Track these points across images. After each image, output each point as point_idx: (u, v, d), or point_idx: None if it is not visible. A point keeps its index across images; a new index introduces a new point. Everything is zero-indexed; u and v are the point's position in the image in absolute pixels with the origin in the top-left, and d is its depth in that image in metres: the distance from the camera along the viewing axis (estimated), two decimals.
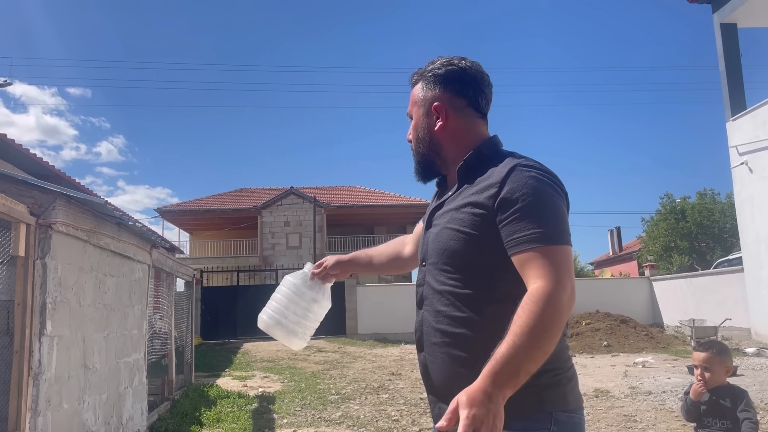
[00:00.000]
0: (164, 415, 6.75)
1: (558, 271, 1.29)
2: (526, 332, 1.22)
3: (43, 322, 3.65)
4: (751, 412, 2.81)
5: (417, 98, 1.65)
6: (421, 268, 1.59)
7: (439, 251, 1.50)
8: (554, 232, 1.34)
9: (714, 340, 3.39)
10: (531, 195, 1.37)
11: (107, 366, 4.86)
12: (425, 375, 1.54)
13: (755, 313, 13.20)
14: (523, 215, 1.35)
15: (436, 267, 1.51)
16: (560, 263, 1.31)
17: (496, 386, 1.18)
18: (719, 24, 14.40)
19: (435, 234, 1.54)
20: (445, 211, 1.54)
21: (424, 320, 1.53)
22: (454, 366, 1.43)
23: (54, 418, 3.75)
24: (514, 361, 1.21)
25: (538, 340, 1.23)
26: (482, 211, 1.42)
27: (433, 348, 1.49)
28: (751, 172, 13.41)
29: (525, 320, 1.24)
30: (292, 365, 11.89)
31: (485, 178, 1.46)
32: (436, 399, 1.52)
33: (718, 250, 25.62)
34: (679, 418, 5.72)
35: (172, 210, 31.59)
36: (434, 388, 1.51)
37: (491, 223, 1.40)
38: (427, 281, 1.54)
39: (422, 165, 1.65)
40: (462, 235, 1.44)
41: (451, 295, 1.46)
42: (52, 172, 11.24)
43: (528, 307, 1.25)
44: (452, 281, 1.46)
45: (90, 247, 4.46)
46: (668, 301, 17.45)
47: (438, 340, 1.47)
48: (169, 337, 7.89)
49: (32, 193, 3.67)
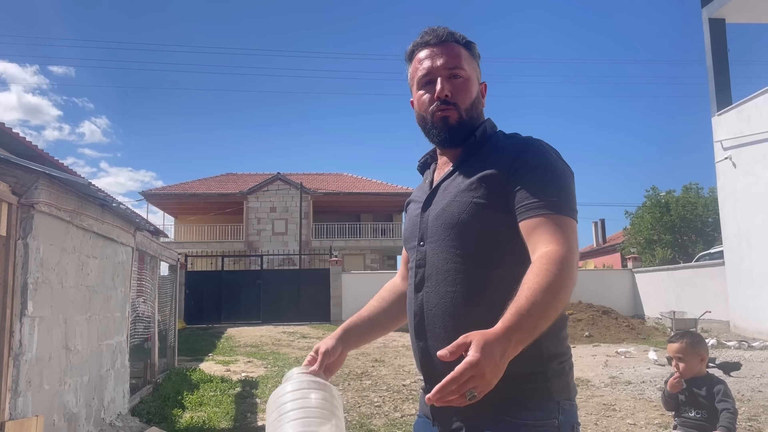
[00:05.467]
0: (146, 398, 6.74)
1: (570, 240, 1.25)
2: (545, 289, 1.16)
3: (24, 303, 3.62)
4: (729, 402, 2.85)
5: (468, 60, 1.51)
6: (419, 248, 1.47)
7: (447, 226, 1.40)
8: (568, 203, 1.32)
9: (688, 330, 3.43)
10: (548, 165, 1.35)
11: (89, 348, 4.83)
12: (426, 363, 1.41)
13: (734, 307, 13.41)
14: (539, 182, 1.32)
15: (442, 244, 1.40)
16: (572, 234, 1.27)
17: (512, 340, 1.10)
18: (708, 19, 14.47)
19: (440, 210, 1.43)
20: (450, 188, 1.45)
21: (426, 304, 1.41)
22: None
23: (34, 398, 3.73)
24: (533, 318, 1.13)
25: (556, 298, 1.17)
26: (497, 182, 1.36)
27: (437, 333, 1.37)
28: (734, 167, 13.56)
29: (542, 277, 1.17)
30: (275, 351, 11.90)
31: (496, 152, 1.42)
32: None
33: (700, 244, 25.91)
34: (657, 407, 5.81)
35: (157, 193, 31.35)
36: (436, 377, 1.34)
37: (505, 194, 1.34)
38: (430, 261, 1.42)
39: (463, 128, 1.48)
40: (476, 206, 1.36)
41: (460, 273, 1.36)
42: (35, 151, 11.08)
43: (544, 266, 1.19)
44: (462, 258, 1.37)
45: (73, 228, 4.42)
46: (650, 293, 17.66)
47: (444, 324, 1.37)
48: (152, 321, 7.86)
49: (14, 173, 3.62)
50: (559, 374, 1.34)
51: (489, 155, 1.42)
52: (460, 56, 1.49)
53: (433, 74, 1.48)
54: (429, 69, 1.49)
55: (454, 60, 1.48)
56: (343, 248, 29.78)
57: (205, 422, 5.64)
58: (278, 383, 6.21)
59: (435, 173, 1.59)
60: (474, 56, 1.54)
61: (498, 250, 1.35)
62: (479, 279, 1.35)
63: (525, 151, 1.37)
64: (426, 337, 1.40)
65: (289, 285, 19.67)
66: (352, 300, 18.84)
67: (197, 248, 29.00)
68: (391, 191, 32.41)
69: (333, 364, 1.56)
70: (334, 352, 1.57)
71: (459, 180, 1.43)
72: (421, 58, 1.51)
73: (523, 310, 1.13)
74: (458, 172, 1.46)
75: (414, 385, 7.41)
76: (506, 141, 1.45)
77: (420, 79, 1.51)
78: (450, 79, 1.47)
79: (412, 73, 1.55)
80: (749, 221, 13.04)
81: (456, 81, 1.48)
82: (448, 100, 1.46)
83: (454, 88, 1.47)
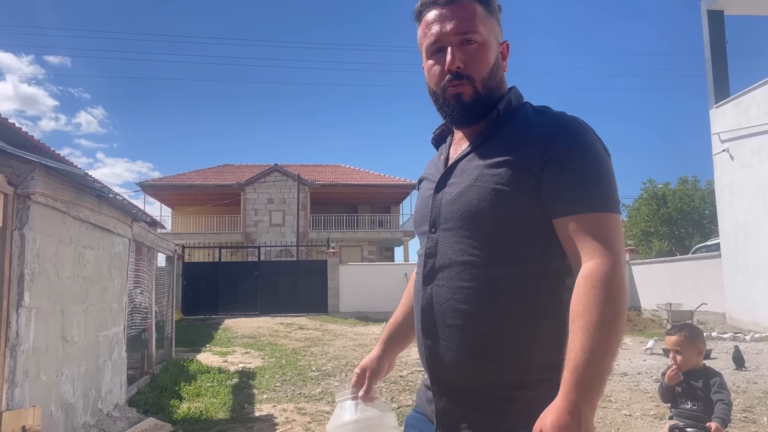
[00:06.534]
0: (144, 388, 6.75)
1: (616, 244, 1.12)
2: (602, 324, 1.04)
3: (21, 294, 3.61)
4: (725, 394, 2.86)
5: (484, 20, 1.29)
6: (430, 235, 1.30)
7: (464, 214, 1.22)
8: (610, 197, 1.16)
9: (686, 323, 3.45)
10: (586, 153, 1.18)
11: (86, 339, 4.83)
12: (433, 363, 1.27)
13: (730, 299, 13.44)
14: (577, 174, 1.15)
15: (457, 233, 1.24)
16: (617, 234, 1.14)
17: (584, 400, 0.99)
18: (706, 11, 14.43)
19: (456, 194, 1.25)
20: (468, 169, 1.27)
21: (436, 298, 1.26)
22: (477, 355, 1.19)
23: (31, 389, 3.73)
24: (597, 362, 1.02)
25: (616, 329, 1.05)
26: (525, 167, 1.18)
27: (448, 331, 1.23)
28: (732, 160, 13.56)
29: (596, 309, 1.05)
30: (272, 342, 11.92)
31: (524, 130, 1.24)
32: (443, 392, 1.26)
33: (696, 236, 25.99)
34: (653, 398, 5.83)
35: (154, 184, 31.26)
36: (443, 379, 1.26)
37: (535, 182, 1.18)
38: (442, 251, 1.26)
39: (480, 104, 1.28)
40: (498, 194, 1.19)
41: (476, 268, 1.20)
42: (31, 142, 11.04)
43: (595, 293, 1.06)
44: (479, 251, 1.21)
45: (69, 218, 4.40)
46: (646, 285, 17.70)
47: (456, 323, 1.22)
48: (149, 312, 7.86)
49: (10, 163, 3.60)
50: None
51: (516, 134, 1.24)
52: (474, 16, 1.28)
53: (442, 41, 1.29)
54: (438, 35, 1.29)
55: (467, 22, 1.27)
56: (341, 240, 29.80)
57: (202, 413, 5.65)
58: (275, 374, 6.24)
59: (451, 149, 1.40)
60: (492, 12, 1.32)
61: (523, 245, 1.20)
62: (499, 276, 1.20)
63: (560, 135, 1.19)
64: (434, 335, 1.26)
65: (287, 276, 19.66)
66: (350, 291, 18.88)
67: (194, 239, 28.95)
68: (389, 183, 32.38)
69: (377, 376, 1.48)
70: (381, 371, 1.48)
71: (479, 161, 1.25)
72: (429, 21, 1.31)
73: (586, 359, 1.02)
74: (479, 152, 1.27)
75: (411, 377, 7.43)
76: (537, 118, 1.27)
77: (429, 47, 1.32)
78: (462, 45, 1.27)
79: (420, 38, 1.35)
80: (746, 213, 13.06)
81: (470, 48, 1.27)
82: (461, 73, 1.27)
83: (467, 57, 1.27)
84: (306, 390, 6.85)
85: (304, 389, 6.90)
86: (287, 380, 7.48)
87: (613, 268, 1.09)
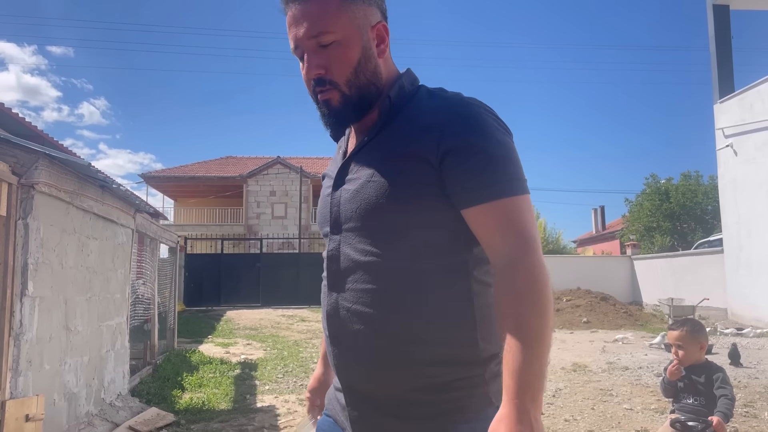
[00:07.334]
0: (146, 379, 6.77)
1: (528, 226, 1.07)
2: (532, 318, 1.01)
3: (25, 283, 3.62)
4: (728, 389, 2.87)
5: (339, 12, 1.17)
6: (332, 237, 1.21)
7: (363, 212, 1.14)
8: (516, 178, 1.10)
9: (688, 318, 3.46)
10: (484, 137, 1.10)
11: (89, 329, 4.84)
12: (343, 371, 1.21)
13: (732, 294, 13.45)
14: (478, 161, 1.08)
15: (359, 233, 1.16)
16: (528, 217, 1.09)
17: (530, 400, 0.96)
18: (712, 5, 14.36)
19: (354, 191, 1.16)
20: (364, 163, 1.18)
21: (341, 303, 1.17)
22: (387, 359, 1.13)
23: (35, 378, 3.75)
24: (536, 359, 0.99)
25: (547, 319, 1.02)
26: (423, 158, 1.10)
27: (355, 338, 1.15)
28: (735, 155, 13.53)
29: (522, 303, 1.01)
30: (275, 333, 11.95)
31: (418, 117, 1.15)
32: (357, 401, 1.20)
33: (699, 232, 25.92)
34: (654, 393, 5.84)
35: (157, 176, 31.30)
36: (355, 387, 1.20)
37: (435, 173, 1.10)
38: (345, 252, 1.18)
39: (359, 105, 1.20)
40: (397, 188, 1.11)
41: (380, 269, 1.13)
42: (34, 132, 11.03)
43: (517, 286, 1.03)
44: (382, 250, 1.13)
45: (73, 208, 4.41)
46: (648, 280, 17.70)
47: (362, 328, 1.14)
48: (152, 303, 7.89)
49: (14, 153, 3.61)
50: (497, 375, 1.13)
51: (411, 122, 1.16)
52: (325, 13, 1.16)
53: (299, 47, 1.20)
54: (294, 40, 1.20)
55: (319, 23, 1.16)
56: None
57: (204, 403, 5.67)
58: (277, 365, 6.25)
59: (349, 141, 1.30)
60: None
61: (428, 240, 1.13)
62: (405, 275, 1.12)
63: (456, 122, 1.11)
64: (342, 342, 1.19)
65: (289, 268, 19.69)
66: None
67: (197, 231, 29.01)
68: None
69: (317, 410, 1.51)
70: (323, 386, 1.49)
71: (376, 153, 1.17)
72: (288, 24, 1.21)
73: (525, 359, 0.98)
74: (374, 144, 1.19)
75: None
76: (430, 103, 1.17)
77: (294, 52, 1.23)
78: (319, 49, 1.17)
79: None
80: (749, 209, 13.04)
81: (327, 50, 1.17)
82: (323, 78, 1.18)
83: (325, 60, 1.17)
84: (307, 382, 6.84)
85: (305, 381, 6.92)
86: (289, 372, 7.50)
87: (530, 253, 1.05)
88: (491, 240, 1.08)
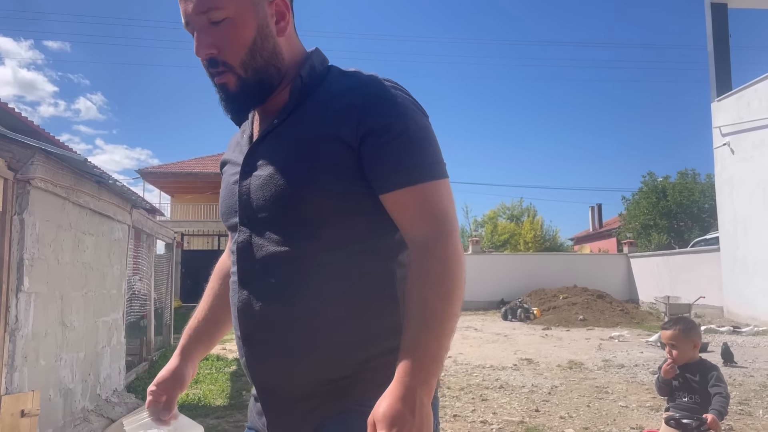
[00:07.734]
0: (142, 374, 6.78)
1: (447, 211, 1.05)
2: (436, 299, 0.97)
3: (21, 278, 3.61)
4: (722, 387, 2.87)
5: None
6: (241, 228, 1.12)
7: (276, 199, 1.07)
8: (435, 161, 1.07)
9: (681, 317, 3.46)
10: (403, 121, 1.06)
11: (85, 324, 4.84)
12: (256, 371, 1.13)
13: (728, 293, 13.48)
14: (396, 146, 1.04)
15: (272, 223, 1.08)
16: (446, 201, 1.06)
17: (420, 382, 0.91)
18: (710, 3, 14.37)
19: (266, 177, 1.09)
20: (275, 147, 1.11)
21: (253, 298, 1.10)
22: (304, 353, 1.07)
23: (30, 374, 3.74)
24: (434, 341, 0.94)
25: (452, 303, 0.98)
26: (341, 139, 1.05)
27: (268, 335, 1.08)
28: (732, 153, 13.55)
29: (430, 284, 0.98)
30: None
31: (333, 99, 1.09)
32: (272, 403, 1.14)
33: (695, 230, 25.97)
34: (649, 390, 5.86)
35: (154, 171, 31.21)
36: (269, 387, 1.13)
37: (352, 156, 1.05)
38: (257, 244, 1.10)
39: (259, 88, 1.12)
40: (312, 173, 1.05)
41: (296, 259, 1.06)
42: (31, 127, 11.00)
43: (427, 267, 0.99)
44: (298, 240, 1.07)
45: (69, 204, 4.40)
46: (644, 278, 17.75)
47: (276, 323, 1.07)
48: (148, 299, 7.88)
49: (10, 148, 3.60)
50: None
51: (325, 104, 1.10)
52: None
53: (190, 23, 1.10)
54: (184, 15, 1.10)
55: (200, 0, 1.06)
56: None
57: (200, 399, 5.67)
58: None
59: (254, 125, 1.22)
60: None
61: (347, 226, 1.07)
62: (323, 264, 1.06)
63: (374, 104, 1.06)
64: (254, 340, 1.11)
65: None
66: None
67: (193, 227, 28.98)
68: None
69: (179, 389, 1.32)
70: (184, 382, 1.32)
71: (289, 137, 1.10)
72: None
73: (416, 344, 0.93)
74: (285, 126, 1.12)
75: None
76: (345, 83, 1.12)
77: (185, 27, 1.12)
78: (211, 26, 1.08)
79: None
80: (745, 207, 13.07)
81: (219, 28, 1.08)
82: (216, 59, 1.09)
83: (217, 39, 1.08)
84: None
85: None
86: None
87: (443, 237, 1.02)
88: (409, 224, 1.05)
